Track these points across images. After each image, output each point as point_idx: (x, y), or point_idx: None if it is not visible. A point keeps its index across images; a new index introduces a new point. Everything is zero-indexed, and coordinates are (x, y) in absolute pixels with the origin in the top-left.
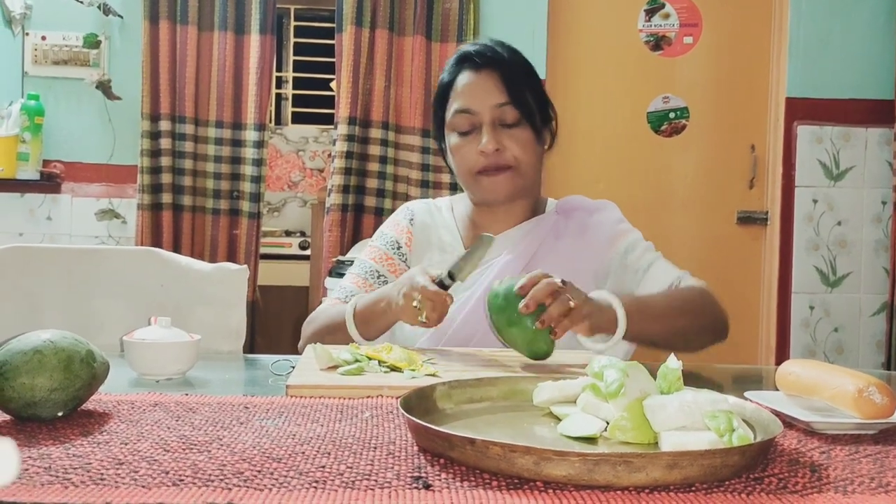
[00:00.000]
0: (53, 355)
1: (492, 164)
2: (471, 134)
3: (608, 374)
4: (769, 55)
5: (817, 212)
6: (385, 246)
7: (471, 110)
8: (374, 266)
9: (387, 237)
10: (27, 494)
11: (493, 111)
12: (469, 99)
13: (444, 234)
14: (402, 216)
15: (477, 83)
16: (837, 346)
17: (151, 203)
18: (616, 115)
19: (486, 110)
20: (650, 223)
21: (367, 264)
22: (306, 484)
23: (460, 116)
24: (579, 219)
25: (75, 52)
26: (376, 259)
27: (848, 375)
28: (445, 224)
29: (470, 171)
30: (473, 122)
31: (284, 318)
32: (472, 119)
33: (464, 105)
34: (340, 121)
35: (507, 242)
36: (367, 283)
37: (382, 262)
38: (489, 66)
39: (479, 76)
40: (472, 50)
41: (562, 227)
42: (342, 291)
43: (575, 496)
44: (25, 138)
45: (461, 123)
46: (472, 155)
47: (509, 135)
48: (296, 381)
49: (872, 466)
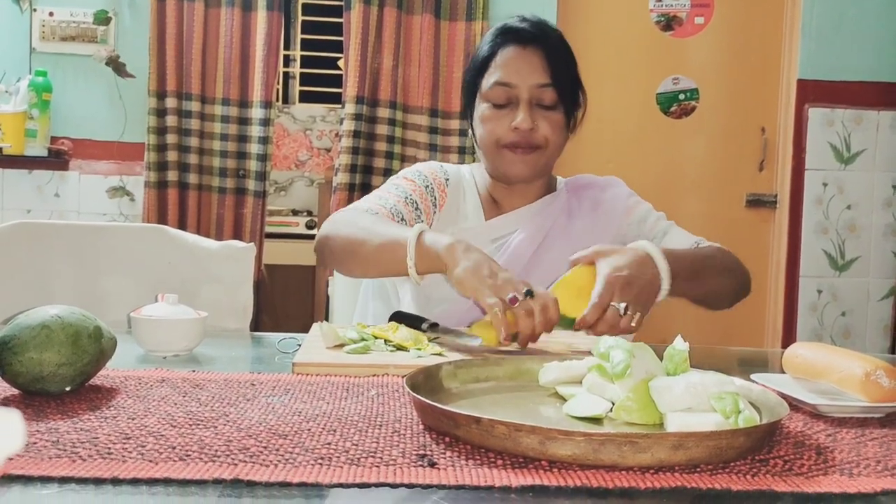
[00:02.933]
0: (61, 330)
1: (522, 142)
2: (505, 108)
3: (614, 355)
4: (781, 37)
5: (827, 195)
6: (423, 184)
7: (511, 84)
8: (413, 196)
9: (425, 178)
10: (35, 467)
11: (533, 90)
12: (511, 73)
13: (469, 201)
14: (438, 171)
15: (521, 59)
16: (844, 330)
17: (157, 181)
18: (625, 95)
19: (526, 88)
20: (659, 205)
21: (406, 191)
22: (312, 460)
23: (499, 89)
24: (591, 196)
25: (83, 29)
26: (415, 191)
27: (855, 359)
28: (471, 191)
29: (496, 143)
30: (510, 97)
31: (291, 297)
32: (510, 93)
33: (504, 78)
34: (348, 100)
35: (520, 220)
36: (409, 209)
37: (420, 198)
38: (535, 43)
39: (524, 52)
40: (519, 25)
41: (574, 206)
42: (383, 202)
43: (580, 475)
44: (33, 115)
45: (498, 95)
46: (502, 128)
47: (544, 116)
48: (302, 358)
49: (878, 449)
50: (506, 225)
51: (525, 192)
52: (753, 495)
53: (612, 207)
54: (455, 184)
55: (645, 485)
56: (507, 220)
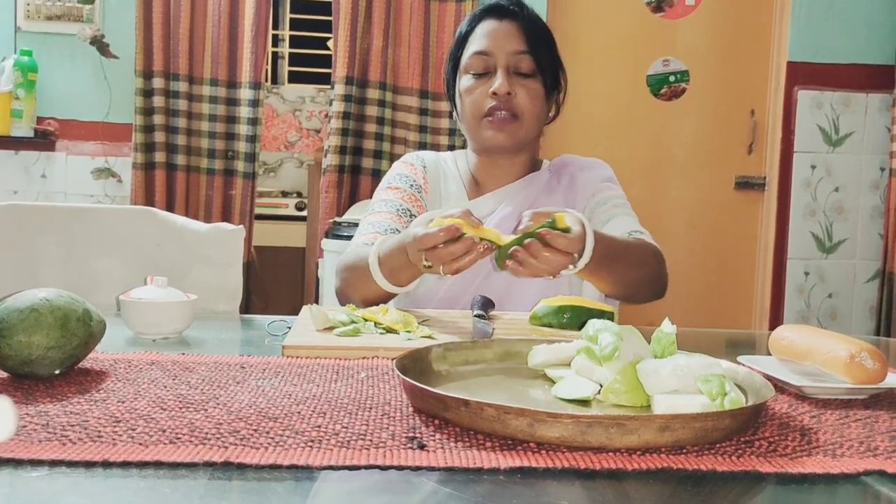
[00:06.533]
0: (50, 313)
1: (500, 107)
2: (484, 77)
3: (602, 338)
4: (771, 18)
5: (815, 177)
6: (409, 187)
7: (488, 52)
8: (403, 205)
9: (407, 178)
10: (25, 451)
11: (510, 57)
12: (488, 42)
13: (451, 183)
14: (414, 161)
15: (498, 29)
16: (831, 312)
17: (145, 162)
18: (616, 77)
19: (503, 55)
20: (648, 187)
21: (395, 203)
22: (302, 443)
23: (477, 58)
24: (570, 173)
25: (68, 8)
26: (404, 199)
27: (840, 341)
28: (452, 174)
29: (477, 115)
30: (489, 65)
31: (281, 279)
32: (488, 61)
33: (482, 47)
34: (337, 81)
35: (504, 196)
36: (403, 221)
37: (411, 202)
38: (511, 16)
39: (500, 24)
40: (497, 2)
41: (554, 184)
42: (376, 227)
43: (568, 457)
44: (19, 95)
45: (476, 65)
46: (482, 97)
47: (521, 84)
48: (292, 341)
49: (862, 430)
50: (488, 203)
51: (508, 171)
52: (738, 476)
53: (583, 187)
54: (433, 169)
55: (632, 466)
56: (490, 199)
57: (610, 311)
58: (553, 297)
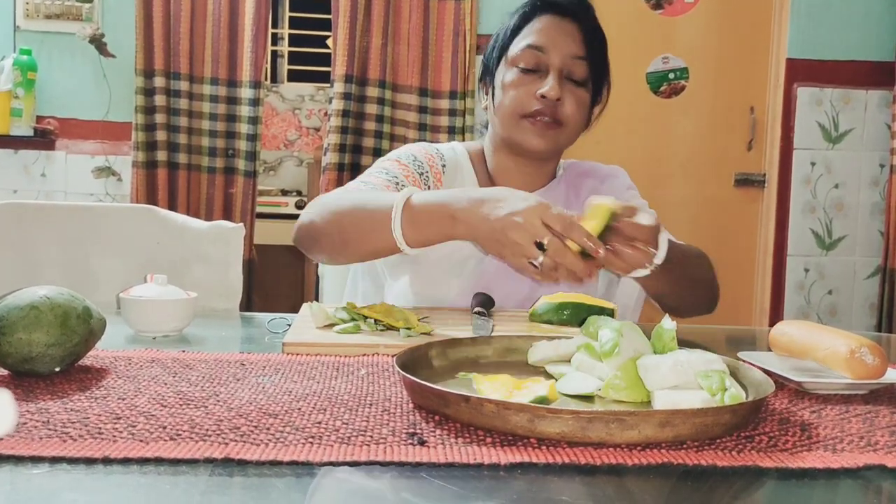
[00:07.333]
0: (50, 311)
1: (546, 111)
2: (533, 74)
3: (603, 334)
4: (771, 15)
5: (815, 174)
6: (417, 170)
7: (544, 49)
8: (404, 182)
9: (420, 165)
10: (26, 448)
11: (567, 60)
12: (546, 38)
13: (467, 186)
14: (435, 156)
15: (558, 27)
16: (831, 308)
17: (146, 161)
18: (615, 74)
19: (559, 56)
20: (648, 184)
21: (396, 175)
22: (302, 439)
23: (530, 52)
24: (590, 187)
25: (67, 6)
26: (408, 177)
27: (840, 336)
28: (470, 178)
29: (517, 113)
30: (540, 63)
31: (281, 277)
32: (541, 59)
33: (539, 42)
34: (337, 79)
35: None
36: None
37: (411, 180)
38: (573, 16)
39: (561, 21)
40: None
41: (572, 198)
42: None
43: (568, 453)
44: (18, 94)
45: (528, 59)
46: (527, 97)
47: (572, 91)
48: (292, 338)
49: (862, 426)
50: None
51: (533, 178)
52: (739, 471)
53: None
54: (452, 170)
55: (632, 462)
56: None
57: (610, 308)
58: (553, 294)
